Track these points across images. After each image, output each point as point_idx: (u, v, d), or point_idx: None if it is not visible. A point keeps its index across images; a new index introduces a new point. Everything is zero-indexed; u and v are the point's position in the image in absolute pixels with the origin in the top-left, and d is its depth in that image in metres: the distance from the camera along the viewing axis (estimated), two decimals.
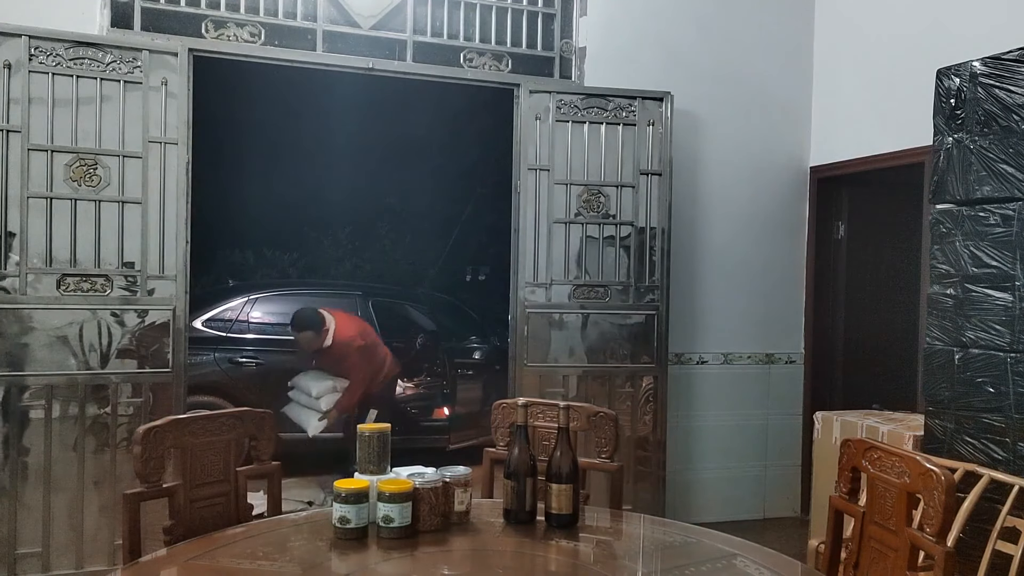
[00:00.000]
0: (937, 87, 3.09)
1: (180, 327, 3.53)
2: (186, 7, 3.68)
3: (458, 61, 4.11)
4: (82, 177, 3.40)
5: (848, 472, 2.00)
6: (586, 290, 4.17)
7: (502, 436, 2.45)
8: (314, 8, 3.87)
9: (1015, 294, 2.77)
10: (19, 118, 3.30)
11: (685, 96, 4.37)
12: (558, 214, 4.12)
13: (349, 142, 8.01)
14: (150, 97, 3.49)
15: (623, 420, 4.00)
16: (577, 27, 4.32)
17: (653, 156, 4.22)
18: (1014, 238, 2.78)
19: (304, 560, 1.75)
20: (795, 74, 4.79)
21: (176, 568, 1.77)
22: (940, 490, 1.68)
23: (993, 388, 2.82)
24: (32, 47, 3.31)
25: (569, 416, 2.04)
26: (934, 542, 1.69)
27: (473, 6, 4.14)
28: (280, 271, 9.31)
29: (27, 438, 3.31)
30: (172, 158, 3.52)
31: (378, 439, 1.98)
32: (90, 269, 3.41)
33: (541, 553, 1.85)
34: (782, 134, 4.78)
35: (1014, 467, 2.72)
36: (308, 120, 7.75)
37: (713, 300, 4.66)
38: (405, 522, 1.83)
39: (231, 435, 2.17)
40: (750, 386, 4.74)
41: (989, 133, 2.87)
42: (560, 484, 1.95)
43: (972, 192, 2.92)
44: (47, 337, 3.34)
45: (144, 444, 1.96)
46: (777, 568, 1.75)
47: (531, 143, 4.08)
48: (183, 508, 2.02)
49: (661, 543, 2.01)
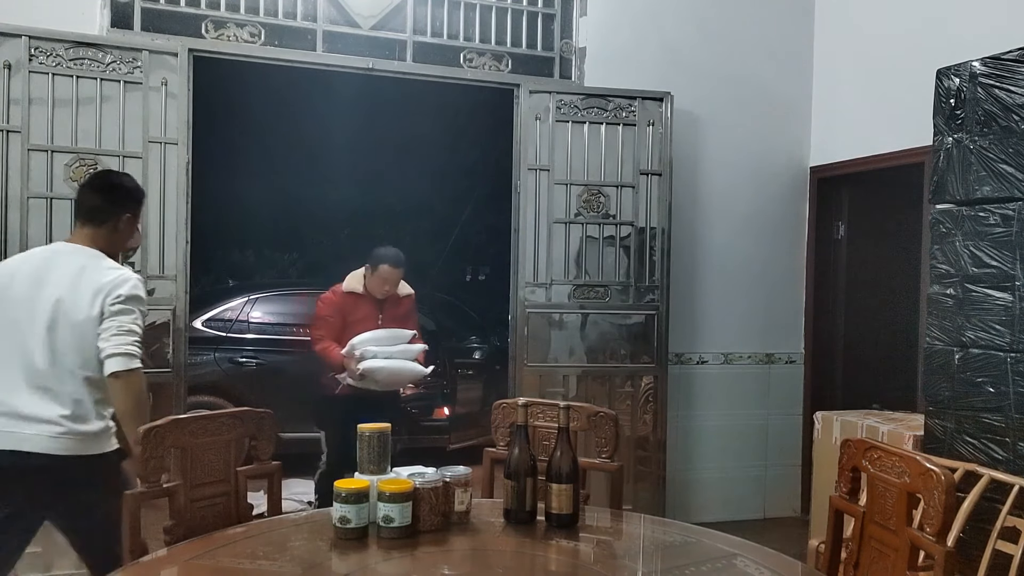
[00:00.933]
0: (937, 87, 3.09)
1: (180, 327, 3.53)
2: (186, 7, 3.68)
3: (458, 61, 4.11)
4: (82, 177, 3.39)
5: (848, 472, 2.00)
6: (586, 290, 4.17)
7: (502, 436, 2.45)
8: (314, 8, 3.87)
9: (1015, 294, 2.77)
10: (19, 118, 3.30)
11: (685, 96, 4.37)
12: (558, 214, 4.12)
13: (349, 142, 8.00)
14: (150, 97, 3.49)
15: (623, 420, 3.99)
16: (577, 27, 4.32)
17: (653, 156, 4.22)
18: (1014, 238, 2.78)
19: (304, 560, 1.75)
20: (795, 74, 4.79)
21: (176, 568, 1.77)
22: (940, 490, 1.68)
23: (993, 388, 2.82)
24: (32, 47, 3.31)
25: (569, 416, 2.03)
26: (934, 542, 1.69)
27: (473, 6, 4.14)
28: (280, 271, 9.31)
29: None
30: (172, 158, 3.53)
31: (378, 439, 1.98)
32: None
33: (541, 553, 1.85)
34: (782, 134, 4.78)
35: (1014, 467, 2.72)
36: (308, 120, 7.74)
37: (713, 300, 4.66)
38: (405, 522, 1.83)
39: (231, 435, 2.16)
40: (750, 386, 4.74)
41: (989, 133, 2.87)
42: (560, 484, 1.95)
43: (972, 192, 2.92)
44: None
45: (144, 444, 1.96)
46: (777, 568, 1.75)
47: (531, 143, 4.08)
48: (183, 508, 2.01)
49: (661, 543, 2.01)
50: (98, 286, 2.32)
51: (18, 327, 2.30)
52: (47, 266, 2.36)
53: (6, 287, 2.34)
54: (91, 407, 2.30)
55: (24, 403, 2.26)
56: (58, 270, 2.35)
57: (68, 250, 2.42)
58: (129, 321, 2.32)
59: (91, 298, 2.30)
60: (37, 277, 2.34)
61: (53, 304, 2.30)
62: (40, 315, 2.29)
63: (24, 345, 2.29)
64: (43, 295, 2.31)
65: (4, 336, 2.31)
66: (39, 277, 2.34)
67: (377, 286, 4.02)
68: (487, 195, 8.27)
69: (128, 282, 2.35)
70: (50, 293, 2.31)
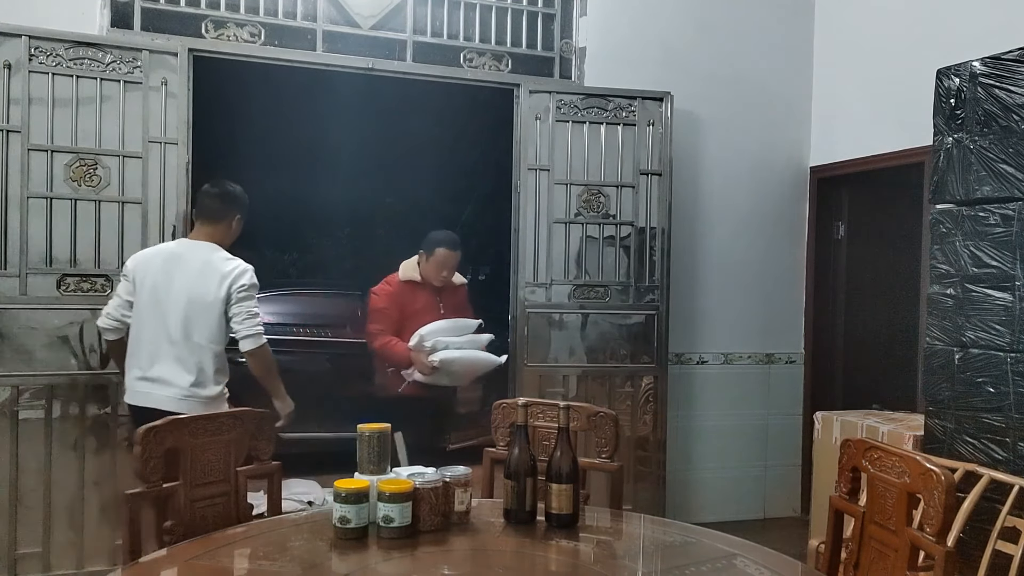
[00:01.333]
0: (937, 87, 3.09)
1: None
2: (186, 7, 3.68)
3: (458, 61, 4.11)
4: (82, 177, 3.40)
5: (848, 472, 2.00)
6: (586, 290, 4.17)
7: (502, 436, 2.45)
8: (314, 8, 3.87)
9: (1015, 294, 2.77)
10: (19, 118, 3.30)
11: (685, 96, 4.37)
12: (558, 214, 4.12)
13: (349, 142, 7.99)
14: (150, 97, 3.49)
15: (623, 420, 3.99)
16: (577, 27, 4.32)
17: (653, 156, 4.22)
18: (1014, 238, 2.78)
19: (304, 560, 1.75)
20: (795, 74, 4.79)
21: (176, 568, 1.77)
22: (940, 490, 1.68)
23: (993, 388, 2.82)
24: (32, 47, 3.31)
25: (569, 416, 2.03)
26: (934, 542, 1.69)
27: (473, 6, 4.14)
28: (280, 271, 9.29)
29: (27, 438, 3.31)
30: (172, 158, 3.53)
31: (378, 439, 1.98)
32: (90, 269, 3.41)
33: (541, 553, 1.85)
34: (782, 134, 4.78)
35: (1014, 467, 2.72)
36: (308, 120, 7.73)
37: (713, 300, 4.66)
38: (405, 522, 1.83)
39: (231, 435, 2.17)
40: (750, 386, 4.74)
41: (989, 133, 2.87)
42: (560, 484, 1.94)
43: (972, 192, 2.92)
44: (47, 337, 3.34)
45: (144, 444, 1.96)
46: (777, 568, 1.75)
47: (531, 143, 4.08)
48: (183, 508, 2.02)
49: (661, 543, 2.01)
50: (222, 273, 2.92)
51: (159, 308, 2.89)
52: (177, 258, 2.94)
53: (145, 276, 2.92)
54: (211, 375, 2.94)
55: (161, 371, 2.89)
56: (187, 261, 2.93)
57: (192, 244, 3.02)
58: (252, 305, 2.95)
59: (217, 283, 2.90)
60: (169, 267, 2.92)
61: (187, 288, 2.89)
62: (176, 298, 2.88)
63: (163, 322, 2.89)
64: (176, 282, 2.90)
65: (147, 316, 2.91)
66: (171, 267, 2.92)
67: (434, 272, 3.77)
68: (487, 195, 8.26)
69: (247, 272, 2.97)
70: (182, 280, 2.90)
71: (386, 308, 3.77)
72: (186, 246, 3.02)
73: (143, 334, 2.92)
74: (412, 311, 3.74)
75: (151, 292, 2.90)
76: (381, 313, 3.76)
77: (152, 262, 2.95)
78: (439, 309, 3.77)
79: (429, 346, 3.58)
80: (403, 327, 3.70)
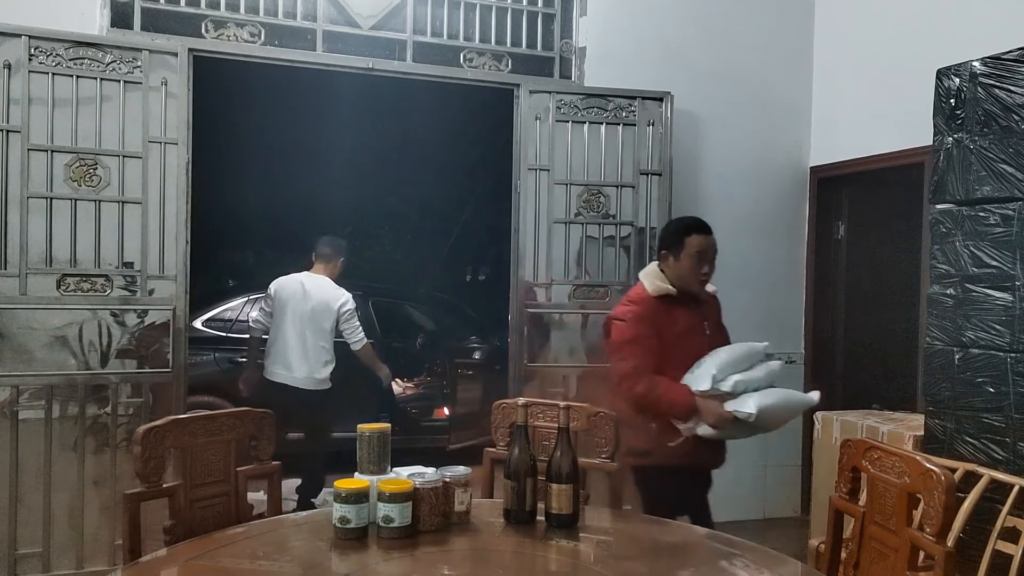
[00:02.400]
0: (937, 87, 3.09)
1: (180, 327, 3.53)
2: (186, 7, 3.68)
3: (458, 61, 4.11)
4: (82, 177, 3.40)
5: (848, 472, 2.01)
6: (586, 290, 4.17)
7: (502, 436, 2.45)
8: (314, 8, 3.87)
9: (1015, 294, 2.77)
10: (19, 118, 3.30)
11: (685, 96, 4.37)
12: (558, 214, 4.12)
13: (349, 142, 8.00)
14: (150, 97, 3.49)
15: None
16: (577, 27, 4.32)
17: (653, 156, 4.22)
18: (1014, 238, 2.78)
19: (304, 560, 1.75)
20: (795, 74, 4.79)
21: (176, 568, 1.77)
22: (940, 490, 1.68)
23: (993, 388, 2.82)
24: (32, 47, 3.31)
25: (569, 416, 2.03)
26: (934, 542, 1.69)
27: (473, 6, 4.14)
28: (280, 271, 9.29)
29: (27, 438, 3.31)
30: (172, 158, 3.52)
31: (378, 439, 1.98)
32: (90, 269, 3.41)
33: (541, 553, 1.85)
34: (782, 134, 4.78)
35: (1014, 467, 2.72)
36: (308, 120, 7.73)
37: None
38: (405, 522, 1.83)
39: (231, 435, 2.17)
40: None
41: (989, 133, 2.87)
42: (560, 484, 1.94)
43: (972, 192, 2.92)
44: (47, 337, 3.34)
45: (144, 444, 1.96)
46: (777, 568, 1.75)
47: (531, 143, 4.08)
48: (183, 508, 2.02)
49: (661, 543, 2.01)
50: (334, 298, 4.36)
51: (299, 319, 4.31)
52: (304, 286, 4.35)
53: (289, 296, 4.33)
54: (321, 365, 4.34)
55: (293, 361, 4.30)
56: (313, 287, 4.36)
57: (314, 276, 4.41)
58: (356, 321, 4.43)
59: (330, 305, 4.34)
60: (303, 291, 4.34)
61: (312, 307, 4.32)
62: (307, 313, 4.31)
63: (299, 329, 4.30)
64: (307, 302, 4.31)
65: (293, 324, 4.30)
66: (304, 291, 4.34)
67: (692, 275, 2.72)
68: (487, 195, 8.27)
69: (349, 299, 4.40)
70: (310, 301, 4.32)
71: (641, 336, 2.65)
72: (311, 277, 4.40)
73: (281, 336, 4.31)
74: (672, 336, 2.68)
75: (289, 307, 4.31)
76: (637, 346, 2.64)
77: (289, 286, 4.37)
78: (704, 330, 2.76)
79: (728, 388, 2.58)
80: (666, 360, 2.64)
